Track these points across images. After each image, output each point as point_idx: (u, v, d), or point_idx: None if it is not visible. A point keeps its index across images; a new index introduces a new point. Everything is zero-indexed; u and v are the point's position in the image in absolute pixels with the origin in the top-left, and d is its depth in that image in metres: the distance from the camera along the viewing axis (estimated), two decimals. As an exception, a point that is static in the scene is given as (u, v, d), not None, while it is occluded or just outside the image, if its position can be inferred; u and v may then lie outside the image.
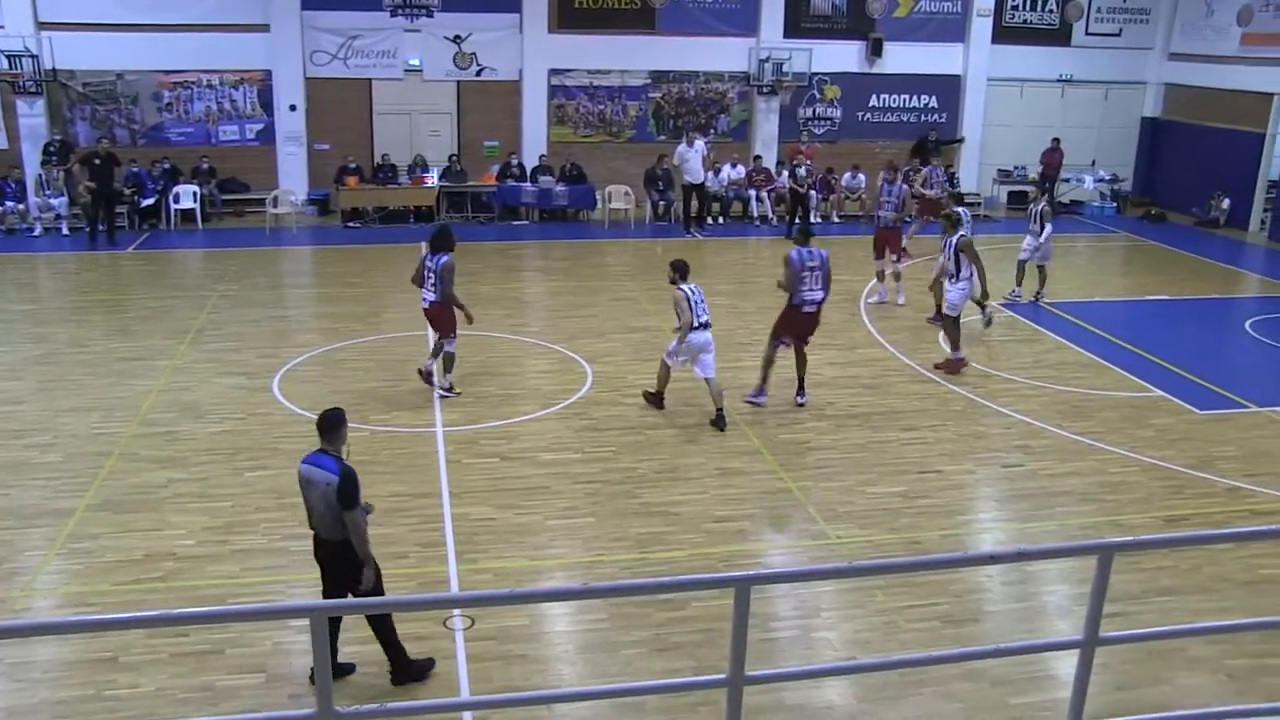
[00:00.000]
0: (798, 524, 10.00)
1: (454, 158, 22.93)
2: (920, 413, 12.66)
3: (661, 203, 23.18)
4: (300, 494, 7.19)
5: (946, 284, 14.24)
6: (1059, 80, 25.97)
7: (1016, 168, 25.80)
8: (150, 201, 21.41)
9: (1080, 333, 15.16)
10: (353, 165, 22.24)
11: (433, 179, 22.52)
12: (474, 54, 23.15)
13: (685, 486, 10.58)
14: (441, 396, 12.63)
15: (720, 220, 23.07)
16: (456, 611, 8.15)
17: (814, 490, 10.58)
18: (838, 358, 14.49)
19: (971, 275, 13.99)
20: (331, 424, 7.06)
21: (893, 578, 8.72)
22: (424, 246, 12.59)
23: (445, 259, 12.28)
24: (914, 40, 24.96)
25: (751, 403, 12.64)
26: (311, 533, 7.21)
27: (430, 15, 22.72)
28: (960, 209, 15.56)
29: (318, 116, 22.91)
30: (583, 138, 24.11)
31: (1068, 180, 25.48)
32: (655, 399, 12.53)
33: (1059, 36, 25.76)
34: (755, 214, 23.39)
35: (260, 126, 22.82)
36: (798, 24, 24.39)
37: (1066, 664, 7.38)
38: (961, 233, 14.21)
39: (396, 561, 8.95)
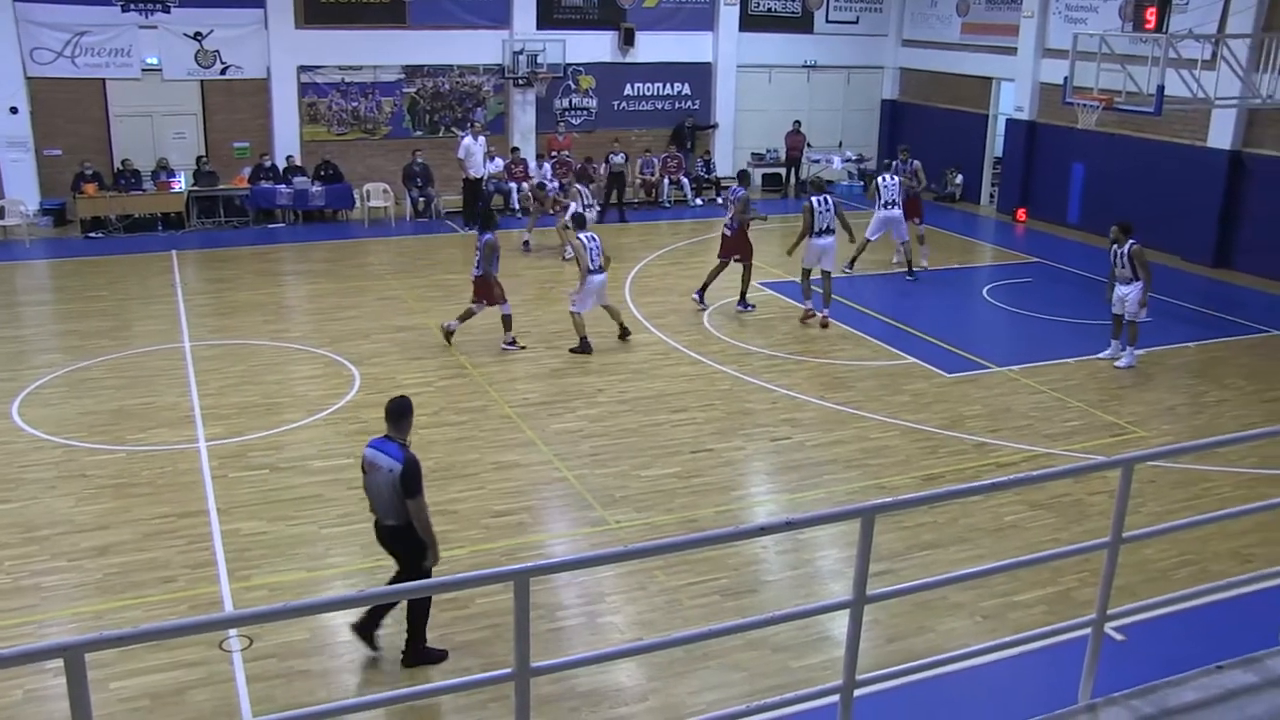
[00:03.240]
0: (576, 512, 10.08)
1: (202, 159, 21.87)
2: (688, 394, 12.97)
3: (421, 199, 22.84)
4: (363, 479, 7.61)
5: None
6: (804, 66, 27.06)
7: (769, 150, 26.77)
8: None
9: (836, 306, 15.85)
10: (90, 172, 20.87)
11: (180, 183, 21.42)
12: (217, 51, 22.12)
13: (462, 483, 10.50)
14: (505, 349, 14.19)
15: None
16: (232, 632, 7.84)
17: (590, 477, 10.69)
18: (605, 345, 14.66)
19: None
20: (399, 412, 7.54)
21: (671, 557, 8.92)
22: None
23: (488, 238, 13.81)
24: (665, 29, 25.48)
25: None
26: (372, 517, 7.67)
27: (167, 11, 21.54)
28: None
29: (46, 120, 21.36)
30: (337, 136, 23.45)
31: (817, 161, 26.58)
32: (583, 346, 14.15)
33: (802, 24, 26.85)
34: (517, 206, 23.33)
35: (-23, 132, 21.11)
36: (550, 15, 24.47)
37: (841, 624, 7.74)
38: None
39: (164, 586, 8.55)
